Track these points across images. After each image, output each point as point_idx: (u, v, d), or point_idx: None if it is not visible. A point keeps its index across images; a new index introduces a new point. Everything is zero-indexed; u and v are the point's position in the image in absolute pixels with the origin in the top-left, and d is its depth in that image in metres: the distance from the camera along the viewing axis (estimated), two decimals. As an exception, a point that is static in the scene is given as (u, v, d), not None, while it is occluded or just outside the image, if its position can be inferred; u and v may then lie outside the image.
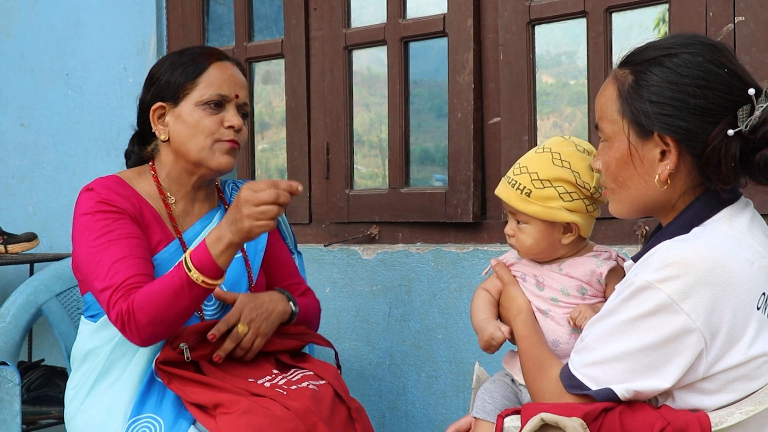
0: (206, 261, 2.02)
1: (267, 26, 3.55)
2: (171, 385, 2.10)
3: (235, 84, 2.26)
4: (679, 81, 1.65)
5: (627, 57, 1.76)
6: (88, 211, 2.16)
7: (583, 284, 1.94)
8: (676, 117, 1.65)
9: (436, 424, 2.93)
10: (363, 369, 3.10)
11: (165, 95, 2.24)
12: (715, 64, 1.65)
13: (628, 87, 1.71)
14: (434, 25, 3.00)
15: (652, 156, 1.70)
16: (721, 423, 1.58)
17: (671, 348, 1.58)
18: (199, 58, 2.25)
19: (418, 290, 2.97)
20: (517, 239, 1.98)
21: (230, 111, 2.24)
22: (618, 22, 2.69)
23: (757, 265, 1.61)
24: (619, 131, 1.72)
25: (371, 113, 3.36)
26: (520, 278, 2.01)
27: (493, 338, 1.94)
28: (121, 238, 2.12)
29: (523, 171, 1.94)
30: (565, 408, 1.62)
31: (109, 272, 2.07)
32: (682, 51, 1.68)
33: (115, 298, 2.05)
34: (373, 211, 3.13)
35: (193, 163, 2.24)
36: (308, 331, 2.40)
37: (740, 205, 1.72)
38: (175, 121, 2.24)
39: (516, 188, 1.94)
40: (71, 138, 3.87)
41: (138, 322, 2.03)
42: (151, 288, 2.04)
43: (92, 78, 3.82)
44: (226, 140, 2.23)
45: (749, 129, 1.61)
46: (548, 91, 2.98)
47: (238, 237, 2.01)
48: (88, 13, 3.82)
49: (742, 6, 2.42)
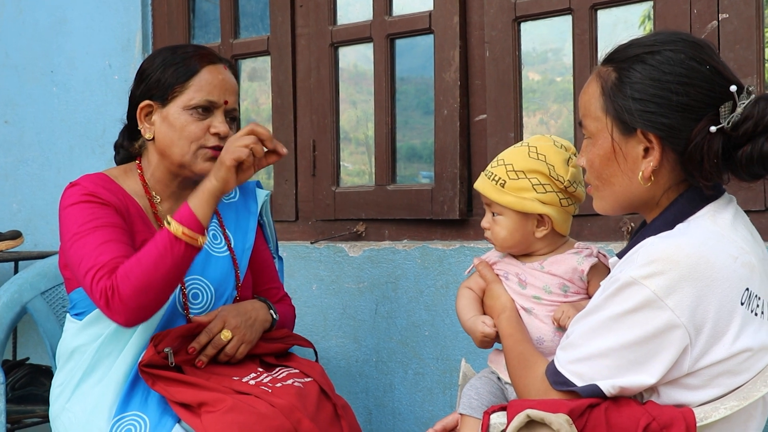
0: (185, 212, 2.04)
1: (253, 23, 3.55)
2: (155, 387, 2.09)
3: (226, 90, 2.24)
4: (661, 78, 1.66)
5: (610, 54, 1.77)
6: (74, 202, 2.15)
7: (566, 282, 1.95)
8: (658, 114, 1.66)
9: (423, 421, 2.93)
10: (350, 366, 3.09)
11: (154, 94, 2.23)
12: (697, 62, 1.66)
13: (612, 84, 1.71)
14: (420, 22, 3.00)
15: (636, 153, 1.70)
16: (706, 418, 1.59)
17: (656, 344, 1.59)
18: (191, 60, 2.23)
19: (405, 287, 2.97)
20: (492, 231, 2.01)
21: (218, 117, 2.23)
22: (603, 19, 2.69)
23: (741, 260, 1.61)
24: (603, 128, 1.73)
25: (358, 110, 3.36)
26: (502, 276, 2.03)
27: (485, 335, 1.97)
28: (106, 225, 2.11)
29: (500, 163, 1.99)
30: (550, 404, 1.63)
31: (93, 253, 2.06)
32: (664, 48, 1.68)
33: (99, 277, 2.03)
34: (360, 209, 3.13)
35: (177, 165, 2.23)
36: (291, 333, 2.41)
37: (724, 202, 1.73)
38: (161, 121, 2.22)
39: (492, 179, 1.98)
40: (56, 135, 3.85)
41: (122, 294, 2.00)
42: (133, 257, 2.04)
43: (77, 75, 3.80)
44: (210, 147, 2.21)
45: (731, 126, 1.62)
46: (534, 88, 2.99)
47: (215, 179, 2.05)
48: (73, 10, 3.80)
49: (726, 3, 2.43)
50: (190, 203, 2.06)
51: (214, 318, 2.19)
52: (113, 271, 2.03)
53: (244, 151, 2.04)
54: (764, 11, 2.44)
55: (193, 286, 2.24)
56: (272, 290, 2.47)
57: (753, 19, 2.40)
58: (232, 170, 2.06)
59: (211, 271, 2.27)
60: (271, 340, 2.32)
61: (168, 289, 2.07)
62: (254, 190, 2.47)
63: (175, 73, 2.21)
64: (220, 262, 2.29)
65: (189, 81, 2.21)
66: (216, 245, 2.31)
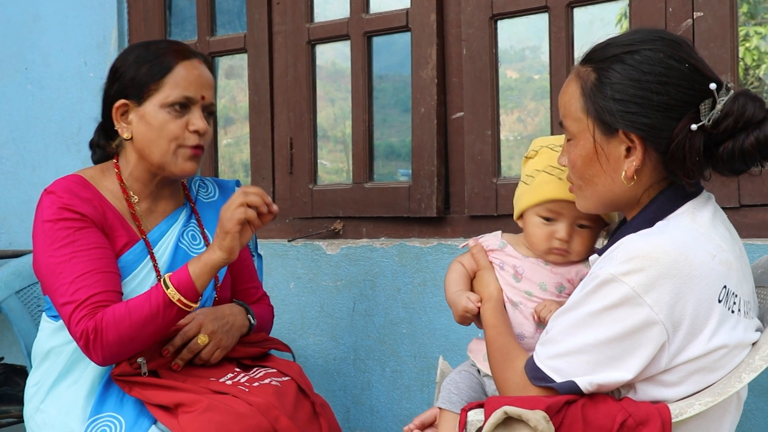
0: (184, 279, 2.03)
1: (230, 21, 3.53)
2: (132, 392, 2.09)
3: (202, 85, 2.21)
4: (641, 78, 1.67)
5: (588, 54, 1.77)
6: (50, 218, 2.11)
7: (564, 282, 1.94)
8: (639, 114, 1.67)
9: (401, 418, 2.93)
10: (327, 364, 3.09)
11: (129, 93, 2.19)
12: (676, 60, 1.67)
13: (591, 85, 1.72)
14: (397, 20, 3.00)
15: (618, 153, 1.71)
16: (682, 414, 1.60)
17: (634, 340, 1.60)
18: (165, 56, 2.19)
19: (383, 285, 2.97)
20: (576, 243, 1.93)
21: (195, 113, 2.20)
22: (579, 17, 2.70)
23: (719, 258, 1.63)
24: (584, 129, 1.73)
25: (335, 108, 3.35)
26: (497, 266, 2.01)
27: (467, 310, 1.96)
28: (84, 249, 2.08)
29: None
30: (528, 401, 1.63)
31: (71, 287, 2.04)
32: (643, 48, 1.69)
33: (79, 315, 2.02)
34: (337, 206, 3.12)
35: (156, 165, 2.21)
36: (268, 337, 2.40)
37: (702, 200, 1.74)
38: (138, 120, 2.19)
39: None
40: (30, 133, 3.82)
41: (104, 340, 2.01)
42: (122, 307, 2.03)
43: (52, 72, 3.77)
44: (190, 146, 2.19)
45: (712, 123, 1.64)
46: (512, 86, 3.00)
47: (221, 249, 2.04)
48: (48, 6, 3.77)
49: (701, 2, 2.45)
50: (191, 270, 2.04)
51: (190, 321, 2.18)
52: (95, 311, 2.02)
53: (243, 212, 2.03)
54: (738, 9, 2.46)
55: (173, 287, 2.22)
56: (251, 290, 2.46)
57: (727, 17, 2.42)
58: (236, 236, 2.04)
59: (190, 272, 2.26)
60: (248, 344, 2.31)
61: (151, 342, 2.08)
62: (233, 189, 2.45)
63: (150, 70, 2.18)
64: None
65: (164, 78, 2.17)
66: (195, 246, 2.30)
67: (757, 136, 1.62)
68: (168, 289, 2.02)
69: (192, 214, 2.34)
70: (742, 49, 2.78)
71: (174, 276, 2.04)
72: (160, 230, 2.26)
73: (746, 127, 1.63)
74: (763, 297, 1.88)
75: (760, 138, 1.62)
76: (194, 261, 2.06)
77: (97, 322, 2.00)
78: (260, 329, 2.38)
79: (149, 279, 2.19)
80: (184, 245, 2.27)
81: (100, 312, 2.02)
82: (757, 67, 3.23)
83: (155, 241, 2.24)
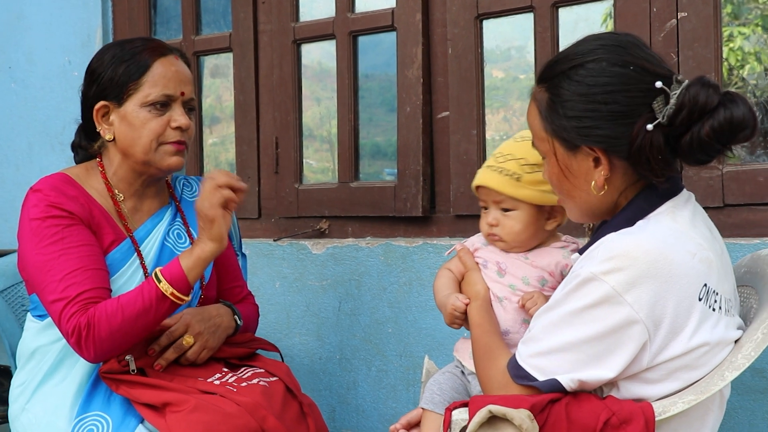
0: (176, 272, 2.03)
1: (215, 20, 3.52)
2: (119, 390, 2.08)
3: (181, 81, 2.20)
4: (588, 92, 1.67)
5: (541, 72, 1.78)
6: (38, 216, 2.10)
7: (546, 275, 1.96)
8: (594, 127, 1.67)
9: (387, 417, 2.93)
10: (313, 364, 3.09)
11: (108, 94, 2.18)
12: (619, 65, 1.66)
13: (546, 106, 1.73)
14: (383, 20, 3.00)
15: (587, 166, 1.72)
16: (665, 412, 1.61)
17: (615, 339, 1.60)
18: (141, 55, 2.18)
19: (368, 284, 2.97)
20: (503, 227, 1.97)
21: (176, 110, 2.19)
22: (565, 17, 2.71)
23: (699, 257, 1.63)
24: (550, 149, 1.75)
25: (321, 107, 3.35)
26: (482, 264, 2.02)
27: (455, 308, 1.96)
28: (73, 246, 2.08)
29: (509, 158, 1.95)
30: (512, 400, 1.64)
31: (61, 284, 2.04)
32: (585, 60, 1.69)
33: (70, 312, 2.01)
34: (323, 206, 3.12)
35: (141, 163, 2.20)
36: (255, 337, 2.40)
37: (683, 199, 1.74)
38: (120, 121, 2.18)
39: (505, 174, 1.95)
40: (15, 132, 3.80)
41: (97, 336, 2.00)
42: (114, 302, 2.02)
43: (36, 71, 3.75)
44: (173, 142, 2.18)
45: (667, 120, 1.63)
46: (498, 86, 3.00)
47: (210, 239, 2.04)
48: (31, 5, 3.75)
49: (685, 2, 2.46)
50: (183, 264, 2.04)
51: (177, 321, 2.18)
52: (86, 307, 2.02)
53: (220, 194, 2.04)
54: (722, 10, 2.47)
55: (159, 285, 2.21)
56: (235, 289, 2.46)
57: (711, 17, 2.43)
58: (222, 220, 2.05)
59: (176, 271, 2.25)
60: (235, 344, 2.31)
61: (142, 337, 2.08)
62: None
63: (127, 70, 2.17)
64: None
65: (143, 77, 2.16)
66: (180, 244, 2.30)
67: (712, 125, 1.61)
68: (161, 283, 2.02)
69: (177, 212, 2.34)
70: (726, 50, 2.79)
71: (166, 270, 2.04)
72: (146, 228, 2.26)
73: (702, 116, 1.61)
74: (746, 296, 1.89)
75: (714, 126, 1.61)
76: (185, 254, 2.06)
77: (89, 318, 2.00)
78: (246, 329, 2.38)
79: (136, 276, 2.19)
80: (170, 243, 2.27)
81: (91, 308, 2.02)
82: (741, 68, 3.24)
83: (141, 239, 2.23)
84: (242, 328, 2.35)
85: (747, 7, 2.77)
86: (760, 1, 2.79)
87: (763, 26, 2.96)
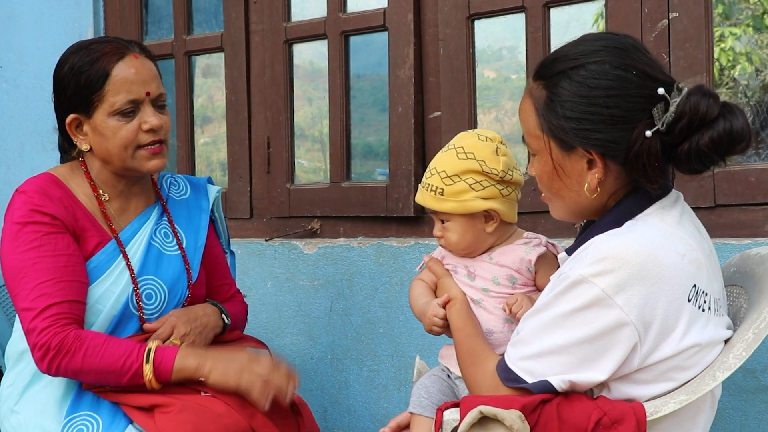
0: (166, 367, 2.02)
1: (206, 19, 3.52)
2: (107, 396, 2.08)
3: (144, 81, 2.14)
4: (589, 94, 1.65)
5: (538, 68, 1.76)
6: (19, 221, 2.09)
7: (513, 272, 1.96)
8: (593, 130, 1.66)
9: (378, 417, 2.93)
10: (305, 364, 3.09)
11: (76, 107, 2.14)
12: (622, 69, 1.65)
13: (543, 104, 1.71)
14: (374, 19, 3.00)
15: (580, 167, 1.71)
16: (656, 412, 1.61)
17: (606, 341, 1.60)
18: (99, 61, 2.11)
19: (360, 284, 2.97)
20: (446, 238, 2.01)
21: (146, 111, 2.14)
22: (556, 17, 2.71)
23: (688, 257, 1.63)
24: (544, 146, 1.73)
25: (313, 107, 3.35)
26: (452, 270, 2.03)
27: (435, 315, 1.96)
28: (49, 255, 2.06)
29: (433, 173, 1.98)
30: (503, 400, 1.63)
31: (32, 293, 2.03)
32: (588, 61, 1.67)
33: (41, 326, 2.00)
34: (315, 206, 3.12)
35: (122, 169, 2.18)
36: (243, 335, 2.39)
37: (671, 199, 1.74)
38: (92, 132, 2.15)
39: (429, 190, 1.97)
40: (6, 131, 3.79)
41: (68, 364, 2.01)
42: (100, 340, 2.02)
43: (27, 70, 3.74)
44: (147, 145, 2.15)
45: (666, 127, 1.62)
46: (489, 86, 3.00)
47: (213, 376, 2.03)
48: (23, 4, 3.74)
49: (676, 2, 2.46)
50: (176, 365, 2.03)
51: (163, 324, 2.17)
52: (64, 327, 2.01)
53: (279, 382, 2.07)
54: (713, 10, 2.48)
55: (147, 286, 2.20)
56: (224, 287, 2.45)
57: (702, 18, 2.43)
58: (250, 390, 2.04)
59: (163, 270, 2.24)
60: (223, 343, 2.30)
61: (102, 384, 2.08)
62: (205, 186, 2.44)
63: (88, 80, 2.11)
64: (173, 261, 2.26)
65: (104, 86, 2.11)
66: (167, 244, 2.28)
67: (711, 136, 1.60)
68: (147, 364, 2.01)
69: (163, 212, 2.32)
70: (717, 50, 2.81)
71: (158, 355, 2.03)
72: (132, 228, 2.24)
73: (701, 126, 1.61)
74: (735, 296, 1.89)
75: (714, 137, 1.60)
76: (188, 354, 2.05)
77: (67, 342, 2.00)
78: (234, 328, 2.38)
79: (122, 279, 2.17)
80: (156, 243, 2.25)
81: (72, 330, 2.01)
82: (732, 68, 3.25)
83: (127, 240, 2.22)
84: (230, 327, 2.34)
85: (738, 8, 2.78)
86: (751, 2, 2.80)
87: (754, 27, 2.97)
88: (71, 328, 2.02)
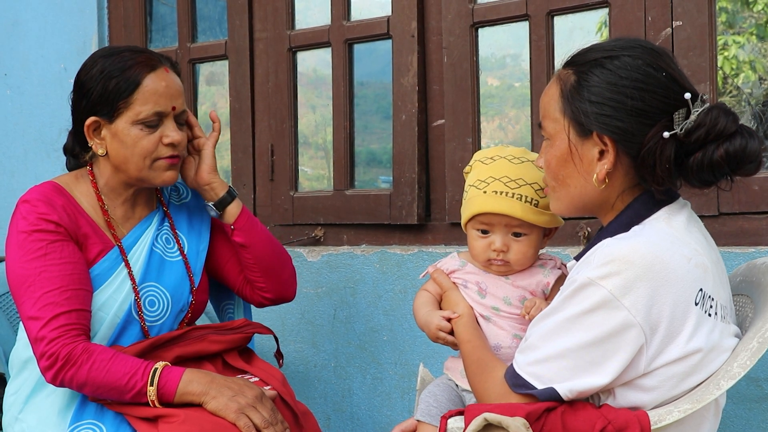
0: (170, 388, 2.02)
1: (210, 27, 3.52)
2: (111, 407, 2.08)
3: (172, 96, 2.16)
4: (618, 83, 1.69)
5: (571, 58, 1.80)
6: (25, 230, 2.09)
7: (527, 294, 1.96)
8: (614, 117, 1.69)
9: (382, 425, 2.93)
10: (308, 371, 3.08)
11: (99, 110, 2.14)
12: (654, 68, 1.69)
13: (570, 87, 1.74)
14: (378, 27, 3.01)
15: (591, 155, 1.73)
16: (660, 421, 1.61)
17: (613, 343, 1.61)
18: (131, 70, 2.12)
19: (363, 292, 2.97)
20: (514, 252, 1.95)
21: (168, 125, 2.16)
22: (560, 26, 2.71)
23: (694, 261, 1.64)
24: (561, 130, 1.76)
25: (317, 115, 3.35)
26: (461, 285, 2.02)
27: (440, 328, 1.96)
28: (55, 264, 2.06)
29: (521, 183, 1.93)
30: (508, 408, 1.63)
31: (39, 302, 2.03)
32: (623, 54, 1.71)
33: (51, 336, 2.00)
34: (318, 213, 3.12)
35: (135, 179, 2.18)
36: (250, 321, 2.37)
37: (678, 206, 1.76)
38: (111, 138, 2.15)
39: (524, 201, 1.92)
40: (10, 139, 3.79)
41: (75, 376, 2.00)
42: (107, 355, 2.02)
43: (31, 78, 3.75)
44: (166, 158, 2.16)
45: (684, 132, 1.66)
46: (493, 94, 3.01)
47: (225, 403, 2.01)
48: (27, 12, 3.75)
49: (680, 11, 2.47)
50: (180, 389, 2.02)
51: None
52: (74, 339, 2.01)
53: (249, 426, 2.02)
54: (717, 19, 2.48)
55: (149, 293, 2.20)
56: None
57: (706, 26, 2.44)
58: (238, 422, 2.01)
59: (166, 277, 2.24)
60: (229, 330, 2.28)
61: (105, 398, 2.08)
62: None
63: (117, 86, 2.12)
64: (175, 267, 2.26)
65: (133, 94, 2.12)
66: (169, 249, 2.28)
67: (727, 149, 1.64)
68: (150, 386, 2.01)
69: (165, 217, 2.32)
70: (720, 58, 2.81)
71: (163, 377, 2.02)
72: (134, 235, 2.24)
73: (717, 139, 1.65)
74: (741, 305, 1.89)
75: (729, 150, 1.64)
76: (189, 382, 2.03)
77: (77, 353, 2.00)
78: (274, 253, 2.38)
79: (125, 287, 2.17)
80: (158, 249, 2.25)
81: (81, 342, 2.01)
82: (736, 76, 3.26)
83: (129, 247, 2.21)
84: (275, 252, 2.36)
85: (741, 16, 2.79)
86: (755, 11, 2.81)
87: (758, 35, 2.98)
88: (80, 339, 2.02)
